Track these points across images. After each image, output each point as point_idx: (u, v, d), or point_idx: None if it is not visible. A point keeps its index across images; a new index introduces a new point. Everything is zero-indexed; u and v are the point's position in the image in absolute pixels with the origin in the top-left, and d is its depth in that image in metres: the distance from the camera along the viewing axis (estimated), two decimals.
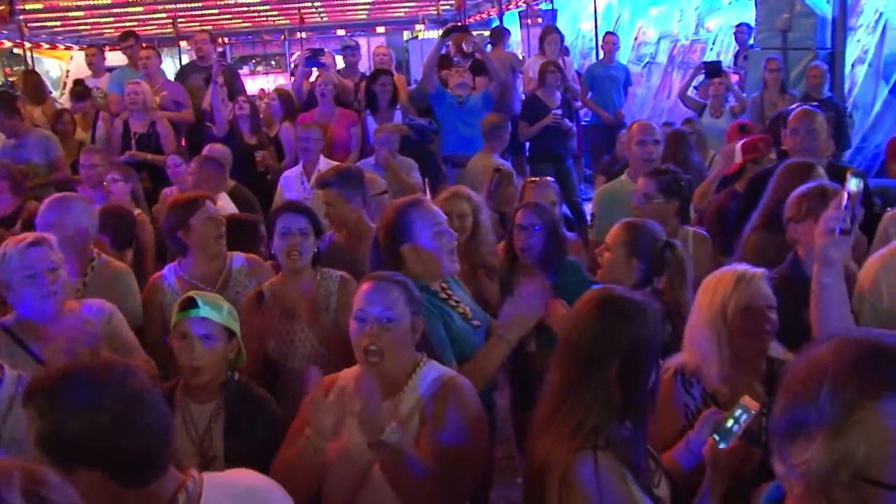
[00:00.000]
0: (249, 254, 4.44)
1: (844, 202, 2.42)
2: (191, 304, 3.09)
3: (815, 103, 6.40)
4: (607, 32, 11.43)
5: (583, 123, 9.49)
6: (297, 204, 4.25)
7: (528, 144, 9.23)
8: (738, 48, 11.00)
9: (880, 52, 9.11)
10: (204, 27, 13.54)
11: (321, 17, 23.52)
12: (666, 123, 10.14)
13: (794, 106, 6.10)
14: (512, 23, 19.76)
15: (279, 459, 2.77)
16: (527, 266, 4.28)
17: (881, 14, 9.24)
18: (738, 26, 11.08)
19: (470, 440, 2.68)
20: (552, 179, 5.54)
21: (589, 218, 5.73)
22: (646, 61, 15.67)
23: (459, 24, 14.08)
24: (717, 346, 2.89)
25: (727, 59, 11.52)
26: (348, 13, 24.50)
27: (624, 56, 16.02)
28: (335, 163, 6.37)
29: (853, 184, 2.42)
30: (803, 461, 1.45)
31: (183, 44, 16.80)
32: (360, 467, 2.71)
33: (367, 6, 23.40)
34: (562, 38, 10.17)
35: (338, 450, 2.76)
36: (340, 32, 23.61)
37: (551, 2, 16.47)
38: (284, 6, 21.29)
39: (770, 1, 9.60)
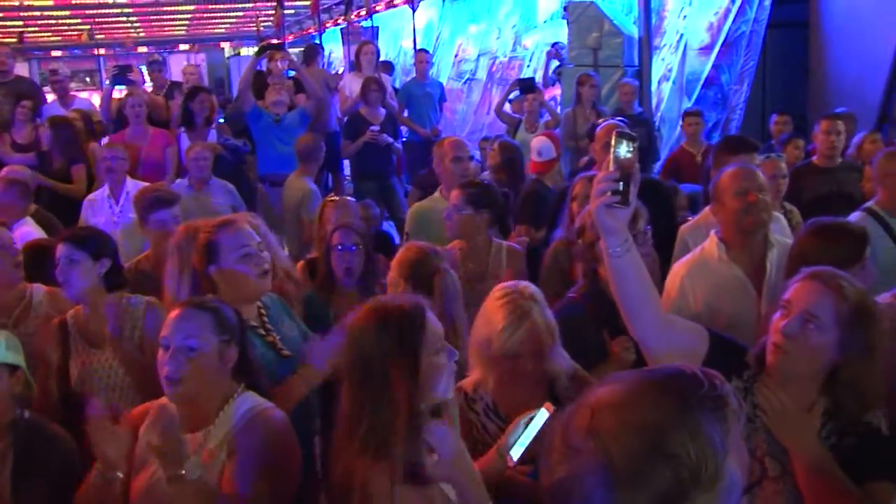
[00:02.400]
0: (51, 284, 4.15)
1: (612, 167, 2.23)
2: None
3: (622, 118, 6.63)
4: (419, 50, 11.57)
5: (402, 140, 9.53)
6: (69, 233, 3.95)
7: (349, 162, 9.19)
8: (558, 64, 11.36)
9: (682, 70, 9.62)
10: (6, 39, 12.81)
11: (137, 33, 22.77)
12: (484, 139, 10.38)
13: (601, 121, 6.30)
14: (334, 41, 19.80)
15: (79, 497, 2.61)
16: (343, 289, 4.22)
17: (682, 35, 9.76)
18: (553, 45, 11.45)
19: (277, 473, 2.61)
20: (353, 199, 5.44)
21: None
22: (466, 77, 15.96)
23: (274, 41, 13.96)
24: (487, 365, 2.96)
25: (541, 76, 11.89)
26: (166, 29, 23.83)
27: (445, 72, 16.28)
28: (144, 184, 6.06)
29: (622, 149, 2.23)
30: None
31: None
32: (163, 502, 2.58)
33: (186, 22, 22.84)
34: (377, 52, 10.21)
35: (140, 484, 2.64)
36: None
37: (371, 19, 16.54)
38: (97, 21, 20.48)
39: (581, 21, 9.99)
